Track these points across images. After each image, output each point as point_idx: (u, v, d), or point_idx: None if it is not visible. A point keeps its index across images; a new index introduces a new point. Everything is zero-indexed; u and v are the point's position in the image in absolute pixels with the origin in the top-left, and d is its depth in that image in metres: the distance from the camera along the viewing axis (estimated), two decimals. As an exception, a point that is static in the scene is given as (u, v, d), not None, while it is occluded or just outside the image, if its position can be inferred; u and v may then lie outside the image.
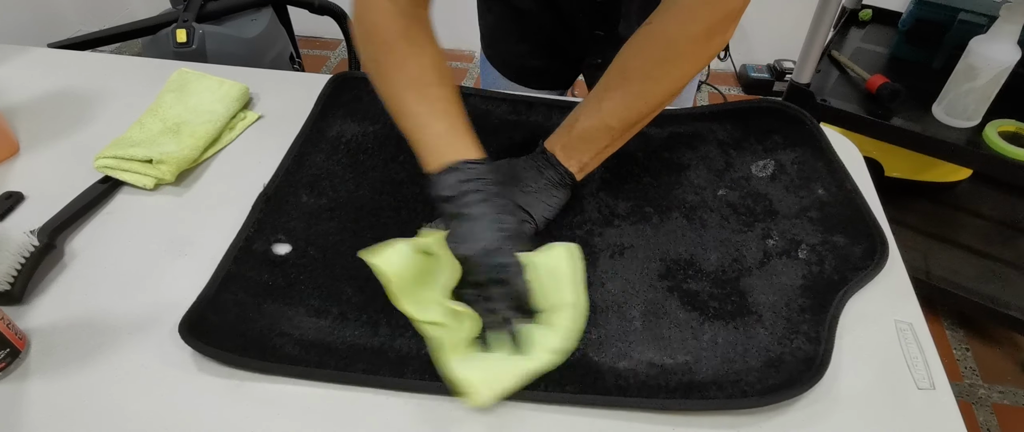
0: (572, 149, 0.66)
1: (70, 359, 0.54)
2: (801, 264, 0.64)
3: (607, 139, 0.65)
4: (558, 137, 0.67)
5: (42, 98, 0.84)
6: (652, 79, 0.62)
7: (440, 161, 0.58)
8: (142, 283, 0.61)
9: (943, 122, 1.18)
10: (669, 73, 0.62)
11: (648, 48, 0.62)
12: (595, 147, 0.66)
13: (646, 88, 0.63)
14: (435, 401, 0.52)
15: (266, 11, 1.41)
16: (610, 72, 0.65)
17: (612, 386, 0.53)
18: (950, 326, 1.49)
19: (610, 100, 0.64)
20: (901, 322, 0.59)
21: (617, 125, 0.64)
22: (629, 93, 0.63)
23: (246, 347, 0.55)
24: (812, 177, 0.74)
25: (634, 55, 0.63)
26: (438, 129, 0.59)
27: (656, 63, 0.62)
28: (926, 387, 0.54)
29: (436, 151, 0.59)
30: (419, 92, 0.60)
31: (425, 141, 0.59)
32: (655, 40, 0.61)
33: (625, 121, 0.64)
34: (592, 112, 0.65)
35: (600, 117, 0.64)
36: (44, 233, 0.62)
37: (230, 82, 0.82)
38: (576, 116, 0.66)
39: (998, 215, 1.52)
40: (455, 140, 0.59)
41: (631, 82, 0.63)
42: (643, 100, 0.63)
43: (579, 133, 0.65)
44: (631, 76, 0.63)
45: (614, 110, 0.64)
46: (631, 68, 0.63)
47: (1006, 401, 1.34)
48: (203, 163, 0.75)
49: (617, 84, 0.64)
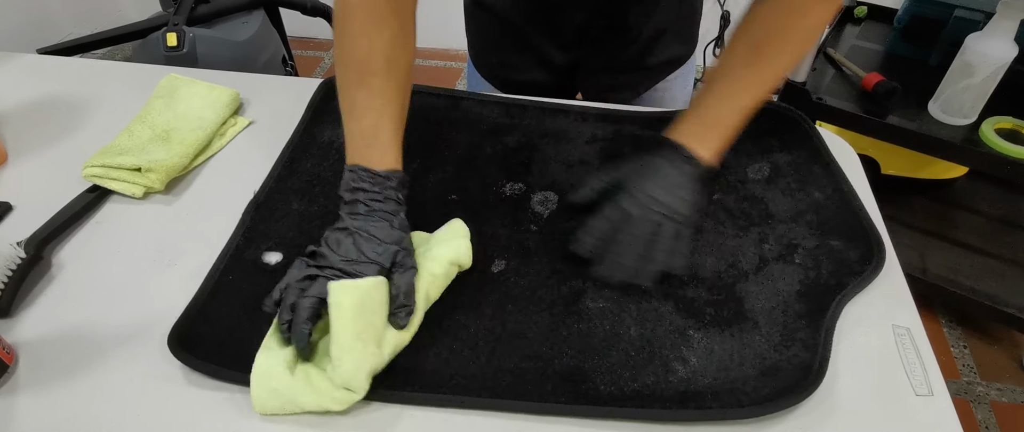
0: (706, 138, 0.64)
1: (59, 373, 0.54)
2: (798, 269, 0.63)
3: (741, 120, 0.64)
4: (687, 127, 0.64)
5: (30, 106, 0.83)
6: (780, 47, 0.63)
7: (351, 159, 0.58)
8: (131, 294, 0.60)
9: (939, 120, 1.17)
10: (798, 37, 0.62)
11: (774, 16, 0.62)
12: (729, 131, 0.64)
13: (778, 59, 0.63)
14: (427, 412, 0.52)
15: (257, 13, 1.40)
16: (735, 51, 0.64)
17: (607, 396, 0.52)
18: (948, 324, 1.49)
19: (741, 79, 0.64)
20: (899, 327, 0.58)
21: (751, 103, 0.64)
22: (763, 68, 0.63)
23: (236, 359, 0.54)
24: (808, 180, 0.73)
25: (760, 28, 0.63)
26: (362, 126, 0.58)
27: (784, 30, 0.62)
28: (924, 394, 0.53)
29: (352, 147, 0.59)
30: (360, 78, 0.59)
31: (348, 132, 0.59)
32: (780, 7, 0.61)
33: (758, 98, 0.64)
34: (723, 96, 0.64)
35: (735, 99, 0.63)
36: (31, 245, 0.61)
37: (220, 87, 0.81)
38: (704, 103, 0.65)
39: (995, 212, 1.52)
40: (372, 142, 0.58)
41: (763, 57, 0.63)
42: (772, 72, 0.64)
43: (713, 120, 0.64)
44: (763, 51, 0.63)
45: (747, 88, 0.63)
46: (761, 42, 0.63)
47: (1004, 399, 1.34)
48: (193, 171, 0.74)
49: (748, 62, 0.63)
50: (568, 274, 0.62)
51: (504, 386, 0.53)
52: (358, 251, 0.55)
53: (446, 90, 0.85)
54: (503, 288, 0.61)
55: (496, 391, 0.53)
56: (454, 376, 0.54)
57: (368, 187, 0.57)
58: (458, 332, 0.57)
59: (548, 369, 0.54)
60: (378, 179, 0.57)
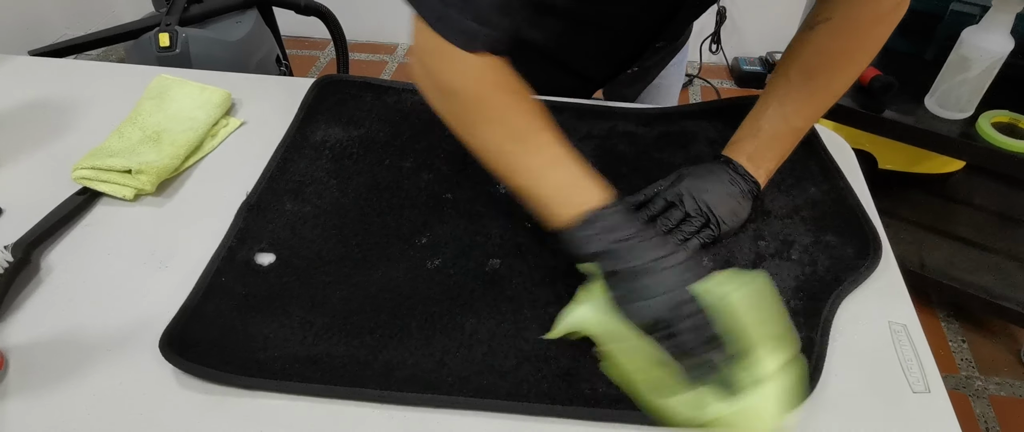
0: (759, 158, 0.65)
1: (49, 378, 0.53)
2: (794, 265, 0.63)
3: (793, 142, 0.65)
4: (742, 146, 0.66)
5: (20, 108, 0.82)
6: (839, 72, 0.63)
7: (571, 213, 0.50)
8: (122, 297, 0.60)
9: (936, 114, 1.17)
10: (855, 60, 0.62)
11: (833, 41, 0.62)
12: (781, 152, 0.66)
13: (832, 82, 0.63)
14: (422, 413, 0.51)
15: (251, 13, 1.39)
16: (786, 73, 0.65)
17: (603, 396, 0.52)
18: (946, 318, 1.49)
19: (793, 102, 0.64)
20: (895, 323, 0.58)
21: (803, 126, 0.65)
22: (816, 90, 0.63)
23: (229, 361, 0.53)
24: (804, 176, 0.73)
25: (816, 52, 0.63)
26: (559, 179, 0.52)
27: (843, 54, 0.62)
28: (921, 390, 0.53)
29: (564, 203, 0.51)
30: (527, 144, 0.53)
31: (547, 195, 0.53)
32: (840, 32, 0.61)
33: (811, 120, 0.65)
34: (776, 117, 0.65)
35: (786, 121, 0.64)
36: (18, 248, 0.60)
37: (211, 88, 0.81)
38: (757, 123, 0.66)
39: (993, 206, 1.51)
40: (583, 187, 0.52)
41: (816, 79, 0.63)
42: (829, 94, 0.64)
43: (766, 140, 0.65)
44: (816, 74, 0.63)
45: (800, 110, 0.64)
46: (814, 66, 0.63)
47: (1003, 393, 1.34)
48: (184, 172, 0.73)
49: (800, 84, 0.64)
50: (563, 273, 0.62)
51: (500, 386, 0.53)
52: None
53: (440, 88, 0.84)
54: (498, 287, 0.61)
55: (491, 391, 0.52)
56: (449, 376, 0.53)
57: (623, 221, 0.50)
58: (453, 332, 0.57)
59: (544, 368, 0.54)
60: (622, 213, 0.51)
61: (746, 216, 0.65)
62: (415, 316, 0.58)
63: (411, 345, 0.55)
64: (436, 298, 0.59)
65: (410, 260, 0.63)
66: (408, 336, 0.56)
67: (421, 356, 0.55)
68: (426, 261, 0.63)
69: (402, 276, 0.61)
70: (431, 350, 0.55)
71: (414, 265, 0.62)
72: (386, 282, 0.61)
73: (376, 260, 0.63)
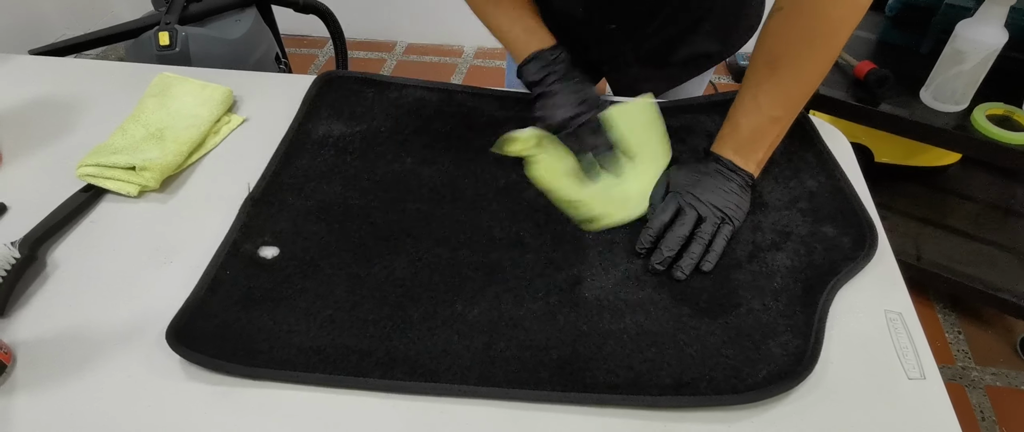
0: (746, 150, 0.67)
1: (57, 372, 0.54)
2: (791, 256, 0.64)
3: (777, 129, 0.66)
4: (726, 141, 0.68)
5: (23, 106, 0.83)
6: (803, 59, 0.63)
7: (523, 54, 0.73)
8: (127, 292, 0.60)
9: (931, 107, 1.18)
10: (814, 45, 0.62)
11: (789, 28, 0.62)
12: (766, 141, 0.67)
13: (799, 71, 0.63)
14: (425, 402, 0.52)
15: (250, 11, 1.39)
16: (755, 65, 0.65)
17: (602, 383, 0.53)
18: (942, 310, 1.50)
19: (765, 94, 0.65)
20: (891, 312, 0.59)
21: (781, 114, 0.65)
22: (783, 80, 0.64)
23: (234, 353, 0.54)
24: (801, 168, 0.74)
25: (777, 42, 0.63)
26: (517, 31, 0.75)
27: (803, 43, 0.62)
28: (916, 377, 0.54)
29: (519, 48, 0.74)
30: (507, 14, 0.76)
31: (510, 42, 0.76)
32: (793, 19, 0.61)
33: (789, 107, 0.65)
34: (751, 110, 0.66)
35: (761, 113, 0.65)
36: (25, 245, 0.61)
37: (213, 85, 0.81)
38: (735, 117, 0.67)
39: (988, 198, 1.52)
40: (531, 38, 0.74)
41: (780, 70, 0.63)
42: (800, 82, 0.64)
43: (747, 133, 0.66)
44: (779, 65, 0.63)
45: (774, 102, 0.65)
46: (777, 56, 0.63)
47: (999, 383, 1.35)
48: (188, 168, 0.74)
49: (766, 76, 0.64)
50: (563, 263, 0.63)
51: (500, 375, 0.53)
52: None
53: (440, 84, 0.85)
54: (499, 278, 0.61)
55: (492, 380, 0.53)
56: (451, 365, 0.54)
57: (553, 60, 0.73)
58: (454, 322, 0.57)
59: (544, 357, 0.55)
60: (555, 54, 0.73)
61: (748, 207, 0.67)
62: (417, 307, 0.59)
63: (413, 336, 0.56)
64: (438, 289, 0.60)
65: (412, 252, 0.64)
66: (410, 327, 0.57)
67: (423, 346, 0.56)
68: (427, 253, 0.64)
69: (404, 268, 0.62)
70: (433, 340, 0.56)
71: (416, 257, 0.63)
72: (388, 274, 0.61)
73: (378, 252, 0.64)
